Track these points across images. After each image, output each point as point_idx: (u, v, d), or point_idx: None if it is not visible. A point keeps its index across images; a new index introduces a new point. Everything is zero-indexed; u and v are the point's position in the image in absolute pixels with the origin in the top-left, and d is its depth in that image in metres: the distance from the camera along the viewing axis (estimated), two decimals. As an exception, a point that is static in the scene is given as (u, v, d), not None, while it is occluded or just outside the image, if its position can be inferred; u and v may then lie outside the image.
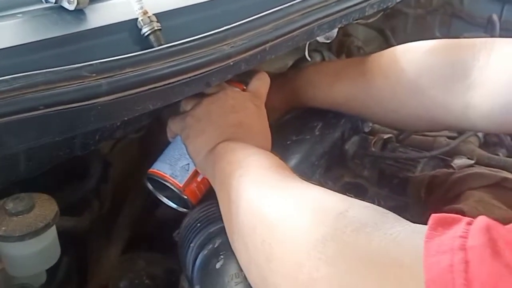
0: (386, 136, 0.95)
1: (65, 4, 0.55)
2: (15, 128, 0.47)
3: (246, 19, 0.63)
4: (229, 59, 0.60)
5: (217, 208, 0.63)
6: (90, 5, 0.57)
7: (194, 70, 0.57)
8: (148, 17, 0.56)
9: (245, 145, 0.64)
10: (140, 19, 0.56)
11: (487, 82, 0.66)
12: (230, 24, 0.61)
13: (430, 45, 0.74)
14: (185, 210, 0.73)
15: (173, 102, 0.59)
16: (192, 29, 0.59)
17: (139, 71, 0.53)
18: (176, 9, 0.62)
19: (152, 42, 0.56)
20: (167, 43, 0.56)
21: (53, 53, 0.51)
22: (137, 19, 0.56)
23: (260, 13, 0.64)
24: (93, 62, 0.50)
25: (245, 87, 0.73)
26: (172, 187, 0.70)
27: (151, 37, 0.56)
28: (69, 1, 0.55)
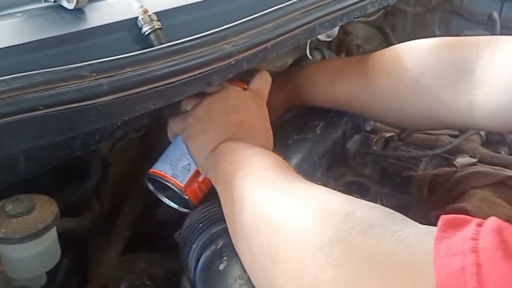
0: (388, 135, 0.94)
1: (64, 3, 0.55)
2: (15, 129, 0.47)
3: (248, 18, 0.62)
4: (230, 58, 0.60)
5: (219, 209, 0.62)
6: (90, 4, 0.57)
7: (195, 69, 0.57)
8: (149, 16, 0.56)
9: (248, 145, 0.63)
10: (140, 18, 0.56)
11: (491, 80, 0.65)
12: (231, 23, 0.61)
13: (433, 43, 0.74)
14: (187, 211, 0.72)
15: (174, 102, 0.59)
16: (193, 28, 0.59)
17: (140, 71, 0.52)
18: (177, 8, 0.61)
19: (153, 41, 0.56)
20: (168, 42, 0.55)
21: (53, 53, 0.51)
22: (137, 18, 0.56)
23: (262, 12, 0.64)
24: (93, 62, 0.50)
25: (247, 86, 0.73)
26: (173, 188, 0.70)
27: (152, 36, 0.56)
28: (68, 0, 0.54)
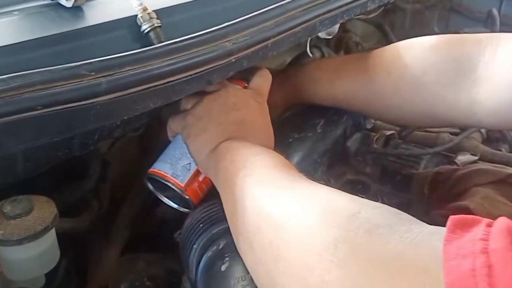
0: (389, 133, 0.94)
1: (63, 1, 0.55)
2: (13, 129, 0.46)
3: (248, 15, 0.62)
4: (231, 56, 0.60)
5: (220, 208, 0.62)
6: (88, 2, 0.56)
7: (195, 68, 0.56)
8: (148, 14, 0.55)
9: (248, 144, 0.63)
10: (140, 16, 0.56)
11: (493, 78, 0.65)
12: (231, 21, 0.60)
13: (434, 41, 0.73)
14: (187, 210, 0.72)
15: (174, 101, 0.59)
16: (193, 26, 0.58)
17: (139, 69, 0.52)
18: (176, 6, 0.61)
19: (152, 39, 0.55)
20: (168, 40, 0.55)
21: (51, 52, 0.51)
22: (137, 16, 0.56)
23: (262, 9, 0.63)
24: (92, 61, 0.49)
25: (247, 84, 0.73)
26: (173, 187, 0.69)
27: (151, 34, 0.55)
28: (67, -2, 0.54)
